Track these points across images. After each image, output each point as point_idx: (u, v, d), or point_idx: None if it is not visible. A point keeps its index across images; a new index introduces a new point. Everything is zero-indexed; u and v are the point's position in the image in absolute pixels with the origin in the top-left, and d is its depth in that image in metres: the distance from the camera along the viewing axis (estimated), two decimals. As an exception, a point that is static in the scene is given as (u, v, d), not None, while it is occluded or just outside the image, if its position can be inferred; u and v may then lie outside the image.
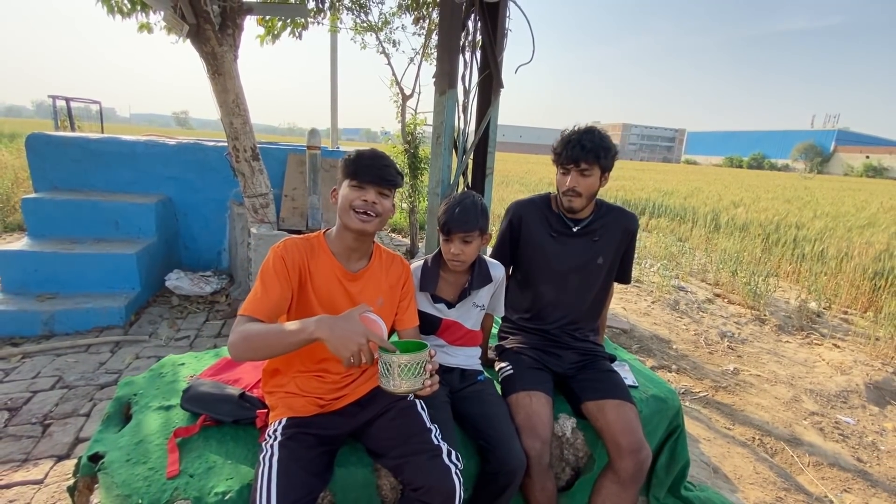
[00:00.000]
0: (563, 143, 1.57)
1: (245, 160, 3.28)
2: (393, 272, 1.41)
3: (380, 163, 1.25)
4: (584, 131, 1.56)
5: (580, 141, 1.53)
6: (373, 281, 1.36)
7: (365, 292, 1.33)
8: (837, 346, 3.97)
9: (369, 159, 1.25)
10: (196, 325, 3.37)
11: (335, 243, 1.32)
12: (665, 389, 1.79)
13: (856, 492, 2.21)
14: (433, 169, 2.30)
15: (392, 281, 1.40)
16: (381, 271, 1.39)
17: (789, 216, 9.81)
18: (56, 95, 8.85)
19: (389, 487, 1.37)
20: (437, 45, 2.23)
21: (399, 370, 1.05)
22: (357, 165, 1.24)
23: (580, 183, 1.56)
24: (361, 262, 1.35)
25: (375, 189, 1.25)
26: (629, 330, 3.90)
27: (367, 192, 1.24)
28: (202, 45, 2.94)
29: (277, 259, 1.24)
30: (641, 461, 1.40)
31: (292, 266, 1.24)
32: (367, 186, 1.24)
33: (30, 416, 2.21)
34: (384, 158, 1.27)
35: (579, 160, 1.53)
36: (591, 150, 1.52)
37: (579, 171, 1.55)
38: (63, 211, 3.59)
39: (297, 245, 1.27)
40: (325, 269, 1.29)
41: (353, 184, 1.24)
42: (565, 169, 1.58)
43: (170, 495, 1.16)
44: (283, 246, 1.26)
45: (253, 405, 1.42)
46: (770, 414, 2.85)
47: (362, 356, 1.02)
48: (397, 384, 1.06)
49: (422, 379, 1.08)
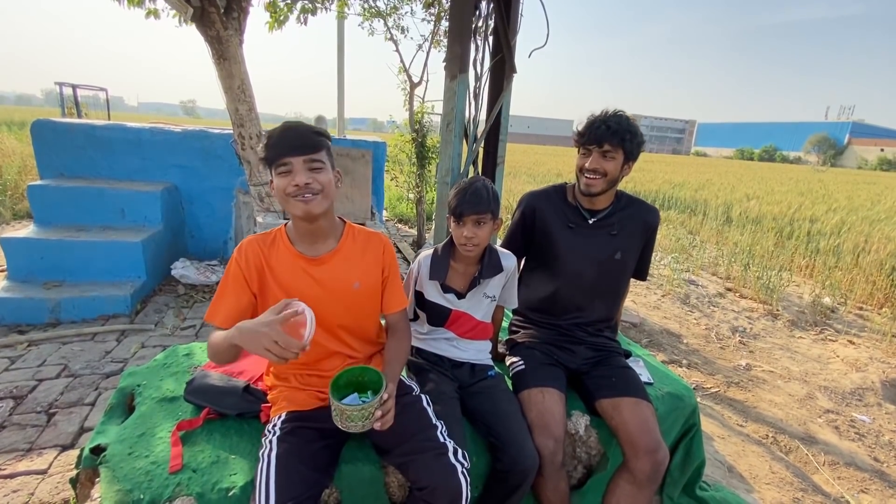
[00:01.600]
0: (588, 124, 1.49)
1: (251, 147, 3.23)
2: (370, 251, 1.31)
3: (291, 133, 1.12)
4: (611, 113, 1.48)
5: (606, 122, 1.45)
6: (344, 263, 1.27)
7: (336, 276, 1.25)
8: (852, 343, 3.88)
9: (279, 136, 1.12)
10: (202, 315, 3.35)
11: (293, 231, 1.27)
12: (681, 387, 1.73)
13: (873, 493, 2.15)
14: (443, 157, 2.23)
15: (369, 260, 1.30)
16: (354, 252, 1.29)
17: (803, 209, 9.62)
18: (62, 83, 8.82)
19: (397, 485, 1.33)
20: (448, 28, 2.15)
21: (346, 416, 1.07)
22: (269, 148, 1.12)
23: (602, 165, 1.48)
24: (327, 244, 1.26)
25: (300, 164, 1.11)
26: (639, 324, 3.84)
27: (294, 171, 1.11)
28: (207, 28, 2.88)
29: (233, 264, 1.22)
30: (658, 462, 1.35)
31: (247, 268, 1.21)
32: (291, 164, 1.11)
33: (35, 405, 2.20)
34: (295, 127, 1.13)
35: (602, 141, 1.45)
36: (617, 132, 1.44)
37: (601, 153, 1.48)
38: (69, 198, 3.57)
39: (252, 244, 1.23)
40: (285, 259, 1.24)
41: (278, 170, 1.13)
42: (587, 150, 1.51)
43: (172, 491, 1.13)
44: (239, 248, 1.23)
45: (258, 398, 1.39)
46: (784, 411, 2.78)
47: (281, 352, 0.95)
48: (346, 426, 1.09)
49: (370, 422, 1.09)
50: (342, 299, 1.26)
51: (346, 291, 1.26)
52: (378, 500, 1.29)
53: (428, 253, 1.55)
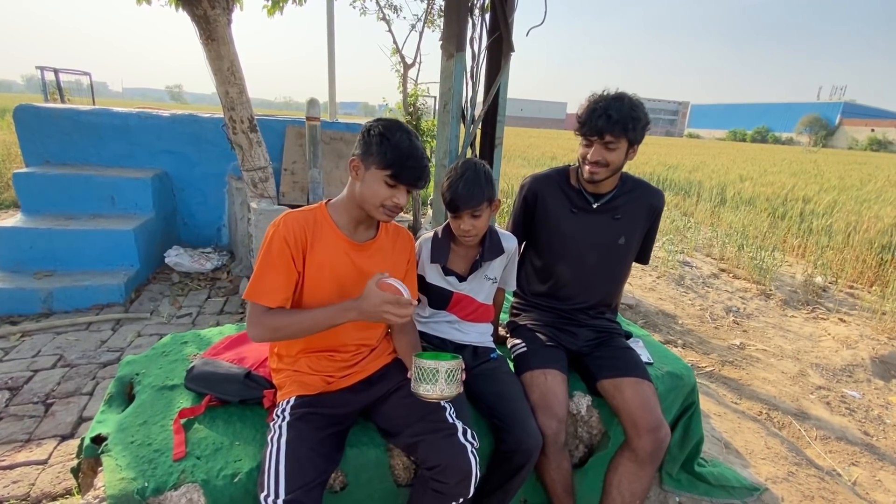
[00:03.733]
0: (588, 111, 1.39)
1: (242, 132, 3.15)
2: (399, 244, 1.37)
3: (420, 164, 1.17)
4: (612, 98, 1.38)
5: (606, 110, 1.35)
6: (380, 252, 1.31)
7: (372, 264, 1.28)
8: (843, 321, 3.94)
9: (413, 160, 1.15)
10: (198, 303, 3.32)
11: (341, 216, 1.25)
12: (680, 366, 1.75)
13: (863, 465, 2.21)
14: (440, 139, 2.19)
15: (398, 253, 1.36)
16: (388, 243, 1.34)
17: (796, 190, 9.68)
18: (44, 67, 8.55)
19: (402, 467, 1.34)
20: (445, 5, 2.09)
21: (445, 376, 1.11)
22: (400, 166, 1.14)
23: (605, 156, 1.41)
24: (368, 232, 1.30)
25: (409, 189, 1.19)
26: (634, 305, 3.87)
27: (401, 194, 1.18)
28: (193, 7, 2.78)
29: (280, 240, 1.17)
30: (660, 440, 1.37)
31: (295, 244, 1.18)
32: (402, 187, 1.17)
33: (31, 396, 2.17)
34: (424, 158, 1.18)
35: (604, 132, 1.37)
36: (619, 122, 1.35)
37: (604, 144, 1.40)
38: (56, 186, 3.48)
39: (297, 220, 1.20)
40: (330, 242, 1.23)
41: (390, 182, 1.15)
42: (588, 140, 1.44)
43: (177, 478, 1.12)
44: (284, 223, 1.19)
45: (259, 384, 1.38)
46: (777, 388, 2.83)
47: (397, 315, 1.08)
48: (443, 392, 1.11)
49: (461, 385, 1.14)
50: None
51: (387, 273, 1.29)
52: (383, 483, 1.30)
53: (428, 236, 1.53)
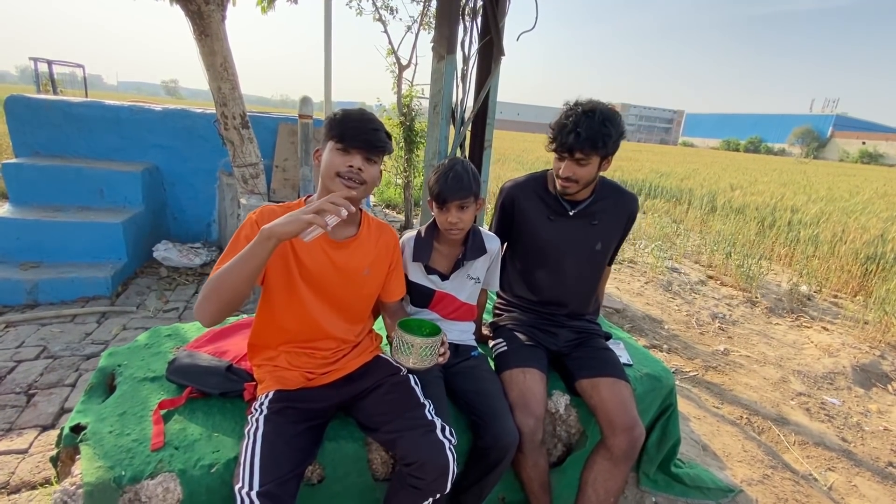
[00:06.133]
0: (559, 127, 1.41)
1: (234, 128, 3.16)
2: (382, 242, 1.37)
3: (368, 125, 1.17)
4: (583, 113, 1.37)
5: (576, 127, 1.36)
6: (360, 250, 1.31)
7: (352, 261, 1.28)
8: (826, 329, 4.00)
9: (357, 121, 1.16)
10: (185, 298, 3.31)
11: None
12: (659, 368, 1.78)
13: (840, 470, 2.24)
14: (430, 140, 2.21)
15: (381, 250, 1.36)
16: (369, 240, 1.34)
17: (785, 199, 9.81)
18: (37, 58, 8.49)
19: (380, 462, 1.35)
20: (437, 8, 2.12)
21: (419, 350, 1.18)
22: (343, 127, 1.16)
23: (575, 172, 1.44)
24: (348, 230, 1.30)
25: (363, 154, 1.17)
26: (622, 310, 3.90)
27: (353, 157, 1.16)
28: (187, 3, 2.79)
29: (252, 225, 1.17)
30: (635, 439, 1.40)
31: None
32: (354, 151, 1.16)
33: (14, 386, 2.16)
34: (373, 121, 1.18)
35: (573, 149, 1.39)
36: (588, 139, 1.35)
37: (574, 161, 1.42)
38: (45, 177, 3.46)
39: (275, 213, 1.20)
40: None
41: (339, 147, 1.16)
42: (559, 155, 1.46)
43: (154, 467, 1.13)
44: (260, 212, 1.20)
45: (241, 378, 1.38)
46: (758, 394, 2.88)
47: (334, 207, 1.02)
48: (416, 363, 1.20)
49: (436, 358, 1.23)
50: (351, 283, 1.29)
51: (357, 276, 1.30)
52: (361, 477, 1.31)
53: (412, 234, 1.55)
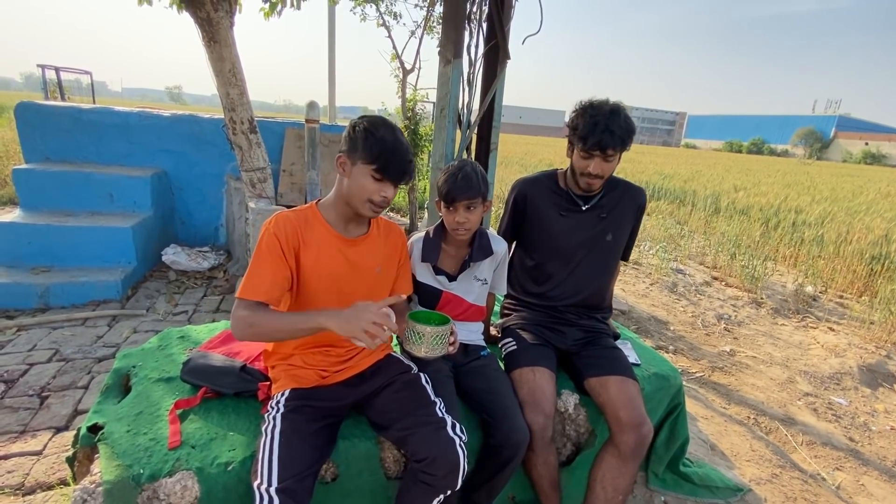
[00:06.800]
0: (590, 126, 1.46)
1: (242, 132, 3.19)
2: (391, 240, 1.41)
3: (406, 158, 1.19)
4: (610, 113, 1.45)
5: (609, 127, 1.43)
6: (371, 248, 1.34)
7: (364, 258, 1.32)
8: (832, 330, 4.00)
9: (398, 154, 1.17)
10: (194, 301, 3.34)
11: (331, 213, 1.29)
12: (667, 368, 1.79)
13: (847, 470, 2.24)
14: (436, 143, 2.24)
15: (390, 249, 1.40)
16: (379, 239, 1.37)
17: (789, 200, 9.78)
18: (45, 65, 8.59)
19: (393, 460, 1.37)
20: (443, 12, 2.15)
21: (430, 339, 1.23)
22: (385, 160, 1.16)
23: (603, 168, 1.51)
24: (360, 229, 1.34)
25: (396, 184, 1.21)
26: (627, 311, 3.91)
27: (388, 188, 1.20)
28: (197, 10, 2.83)
29: (270, 237, 1.20)
30: (643, 436, 1.41)
31: (286, 242, 1.21)
32: (389, 182, 1.20)
33: (27, 388, 2.19)
34: (409, 153, 1.21)
35: (607, 147, 1.46)
36: (620, 137, 1.45)
37: (604, 157, 1.49)
38: (55, 182, 3.51)
39: (289, 219, 1.24)
40: (322, 239, 1.26)
41: (376, 176, 1.18)
42: (588, 154, 1.50)
43: (172, 465, 1.15)
44: (275, 222, 1.22)
45: (254, 377, 1.41)
46: (765, 394, 2.87)
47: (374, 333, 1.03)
48: (427, 352, 1.25)
49: (446, 347, 1.28)
50: (365, 280, 1.33)
51: (370, 273, 1.33)
52: (373, 475, 1.33)
53: (420, 235, 1.57)
